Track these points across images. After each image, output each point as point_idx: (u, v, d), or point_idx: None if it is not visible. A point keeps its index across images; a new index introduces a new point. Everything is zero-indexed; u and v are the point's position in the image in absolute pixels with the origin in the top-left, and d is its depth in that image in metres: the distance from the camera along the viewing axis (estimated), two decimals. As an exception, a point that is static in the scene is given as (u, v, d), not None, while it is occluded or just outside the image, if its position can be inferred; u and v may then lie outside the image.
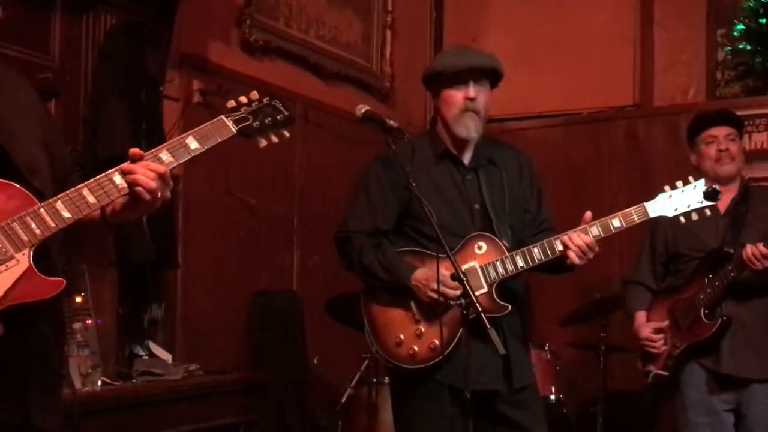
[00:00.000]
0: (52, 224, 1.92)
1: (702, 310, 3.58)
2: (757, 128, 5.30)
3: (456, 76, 3.12)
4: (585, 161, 5.79)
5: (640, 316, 3.83)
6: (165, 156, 2.05)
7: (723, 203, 3.70)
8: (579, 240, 2.98)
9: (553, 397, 4.66)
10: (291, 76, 5.10)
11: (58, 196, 1.94)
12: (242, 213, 4.69)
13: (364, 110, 3.00)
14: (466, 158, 3.20)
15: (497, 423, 3.07)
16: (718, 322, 3.53)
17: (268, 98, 2.20)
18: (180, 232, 4.26)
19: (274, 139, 2.19)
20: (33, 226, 1.90)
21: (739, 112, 4.99)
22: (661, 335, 3.73)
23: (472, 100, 3.11)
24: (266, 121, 2.17)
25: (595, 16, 5.84)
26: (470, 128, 3.12)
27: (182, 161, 2.09)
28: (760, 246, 3.40)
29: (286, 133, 2.21)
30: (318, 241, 5.05)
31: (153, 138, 4.02)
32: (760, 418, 3.56)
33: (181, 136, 2.09)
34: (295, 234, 5.08)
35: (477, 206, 3.14)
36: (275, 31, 5.00)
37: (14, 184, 1.92)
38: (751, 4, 5.35)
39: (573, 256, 2.99)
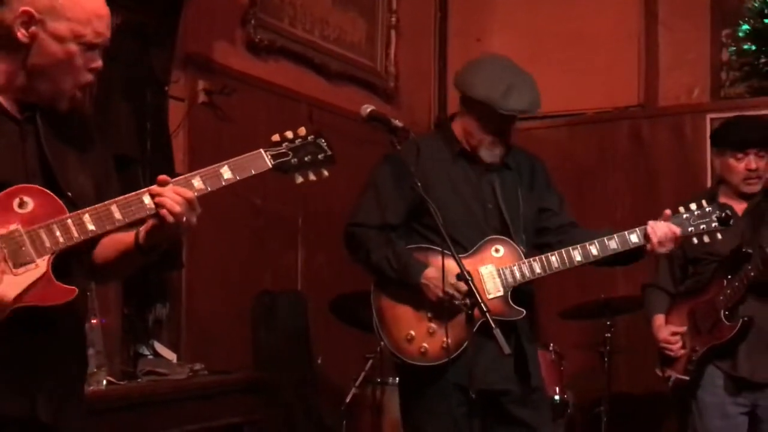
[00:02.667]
0: (76, 235, 1.97)
1: (722, 311, 3.52)
2: (763, 129, 5.29)
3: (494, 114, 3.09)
4: (590, 161, 5.78)
5: (658, 319, 3.78)
6: (197, 182, 2.09)
7: (741, 206, 3.66)
8: (665, 228, 3.05)
9: (557, 397, 4.65)
10: (295, 76, 5.10)
11: (86, 209, 2.00)
12: (247, 213, 4.69)
13: (369, 110, 3.00)
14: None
15: (507, 423, 3.08)
16: (739, 323, 3.47)
17: (313, 136, 2.23)
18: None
19: (312, 177, 2.23)
20: (57, 234, 1.96)
21: (743, 113, 4.99)
22: (678, 338, 3.67)
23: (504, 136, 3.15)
24: (306, 158, 2.21)
25: (599, 16, 5.83)
26: (496, 156, 3.17)
27: (213, 189, 2.12)
28: None
29: (325, 172, 2.25)
30: (322, 241, 5.05)
31: (158, 138, 4.03)
32: None
33: (217, 164, 2.12)
34: (299, 234, 5.08)
35: (490, 206, 3.15)
36: (280, 31, 5.00)
37: (48, 191, 1.99)
38: (756, 5, 5.34)
39: (655, 245, 3.05)
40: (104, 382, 3.46)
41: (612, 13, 5.81)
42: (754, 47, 5.39)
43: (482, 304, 2.64)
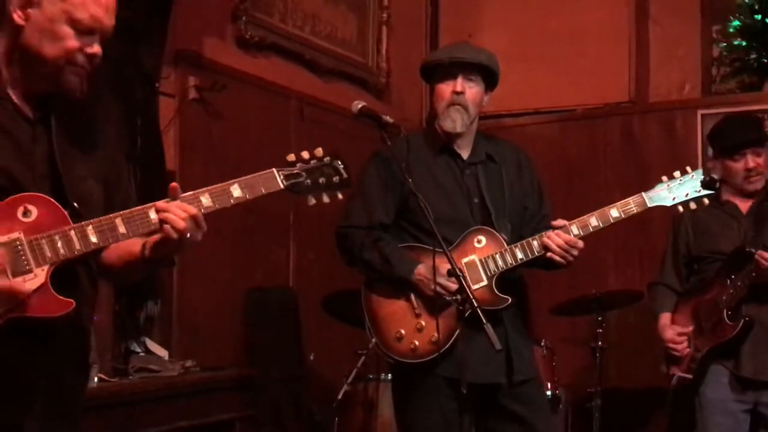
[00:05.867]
0: (78, 246, 1.94)
1: (725, 311, 3.50)
2: (753, 124, 5.31)
3: (446, 69, 3.13)
4: (580, 157, 5.80)
5: (665, 317, 3.77)
6: (205, 200, 2.09)
7: (745, 204, 3.66)
8: (558, 239, 3.00)
9: (549, 392, 4.66)
10: (286, 72, 5.09)
11: (91, 221, 1.97)
12: (238, 210, 4.63)
13: (360, 106, 3.00)
14: (465, 153, 3.20)
15: (500, 417, 3.08)
16: (741, 323, 3.46)
17: (329, 158, 2.17)
18: (176, 229, 4.25)
19: (326, 199, 2.17)
20: (59, 245, 1.93)
21: (733, 108, 5.00)
22: (684, 338, 3.66)
23: (458, 93, 3.10)
24: (320, 180, 2.16)
25: (590, 12, 5.83)
26: (456, 122, 3.12)
27: (222, 207, 2.11)
28: None
29: (340, 195, 2.19)
30: (313, 238, 5.05)
31: (148, 134, 4.02)
32: None
33: (227, 182, 2.10)
34: (290, 230, 5.07)
35: (476, 200, 3.15)
36: (271, 27, 4.99)
37: (53, 201, 1.96)
38: (746, 0, 5.35)
39: (554, 256, 3.01)
40: (96, 379, 3.47)
41: (602, 10, 5.81)
42: (744, 43, 5.41)
43: (473, 300, 2.64)
